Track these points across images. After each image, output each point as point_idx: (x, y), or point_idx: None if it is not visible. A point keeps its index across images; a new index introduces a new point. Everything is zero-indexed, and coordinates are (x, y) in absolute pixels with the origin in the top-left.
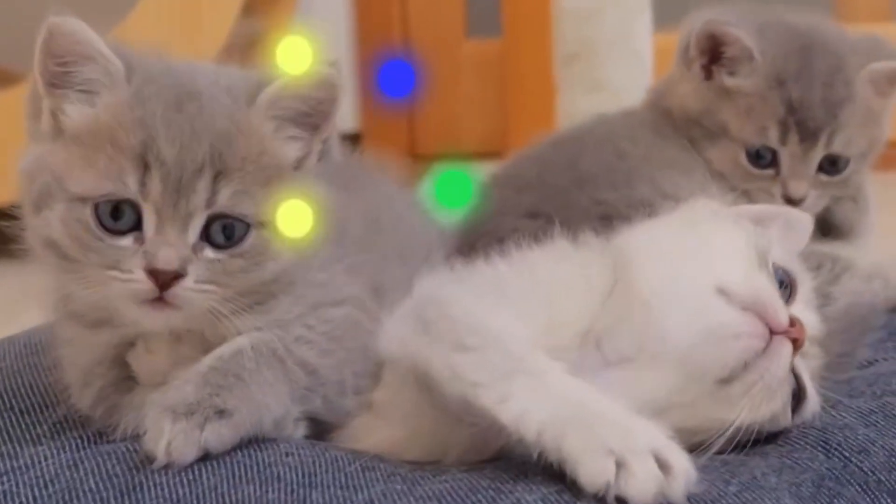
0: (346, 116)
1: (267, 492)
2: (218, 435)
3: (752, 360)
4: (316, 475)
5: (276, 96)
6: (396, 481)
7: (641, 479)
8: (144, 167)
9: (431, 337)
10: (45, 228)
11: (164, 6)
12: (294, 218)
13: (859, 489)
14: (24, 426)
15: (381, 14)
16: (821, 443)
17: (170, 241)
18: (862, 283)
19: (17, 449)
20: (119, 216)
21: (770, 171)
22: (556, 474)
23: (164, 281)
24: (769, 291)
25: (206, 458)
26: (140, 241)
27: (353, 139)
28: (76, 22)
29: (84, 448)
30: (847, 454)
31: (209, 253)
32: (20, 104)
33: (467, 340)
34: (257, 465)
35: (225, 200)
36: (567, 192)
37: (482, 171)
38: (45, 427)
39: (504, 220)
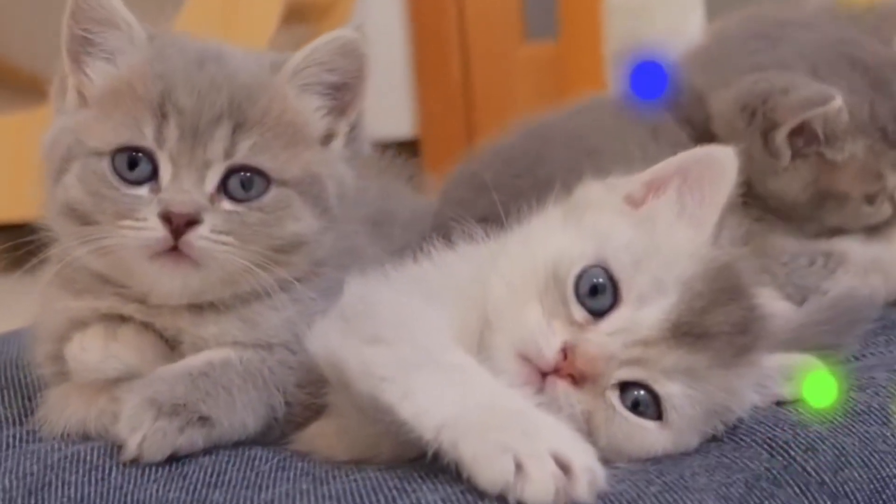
0: (403, 123)
1: (169, 490)
2: (192, 441)
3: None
4: (224, 474)
5: (302, 64)
6: (305, 480)
7: (539, 480)
8: (162, 117)
9: (349, 332)
10: (64, 192)
11: (205, 14)
12: (320, 183)
13: (797, 491)
14: None
15: (437, 19)
16: (767, 440)
17: (185, 188)
18: (858, 279)
19: None
20: (135, 166)
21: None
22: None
23: (178, 225)
24: (537, 329)
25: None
26: (156, 190)
27: (411, 146)
28: None
29: (11, 447)
30: (792, 453)
31: (227, 204)
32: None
33: (383, 334)
34: (167, 463)
35: (245, 151)
36: (526, 197)
37: None
38: None
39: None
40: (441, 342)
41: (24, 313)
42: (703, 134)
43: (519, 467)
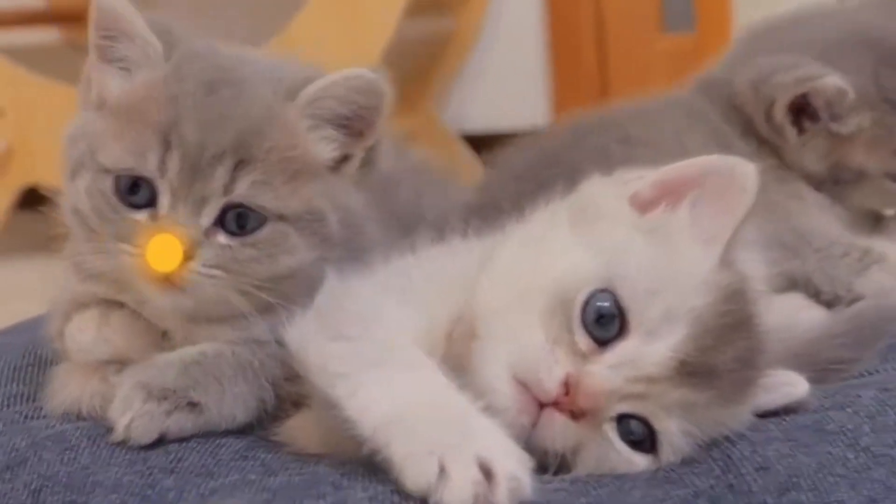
0: (538, 114)
1: (126, 474)
2: (181, 425)
3: (526, 433)
4: (184, 460)
5: (318, 95)
6: (256, 471)
7: (459, 484)
8: (167, 145)
9: (317, 328)
10: (74, 196)
11: (330, 6)
12: (319, 217)
13: None
14: None
15: (574, 10)
16: (725, 456)
17: (181, 222)
18: (893, 280)
19: None
20: (137, 190)
21: None
22: None
23: None
24: (539, 356)
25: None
26: (154, 218)
27: None
28: (118, 0)
29: (14, 423)
30: (744, 471)
31: (221, 238)
32: None
33: (346, 331)
34: (121, 449)
35: (243, 189)
36: (553, 187)
37: None
38: None
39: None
40: (400, 341)
41: None
42: (736, 116)
43: (442, 470)
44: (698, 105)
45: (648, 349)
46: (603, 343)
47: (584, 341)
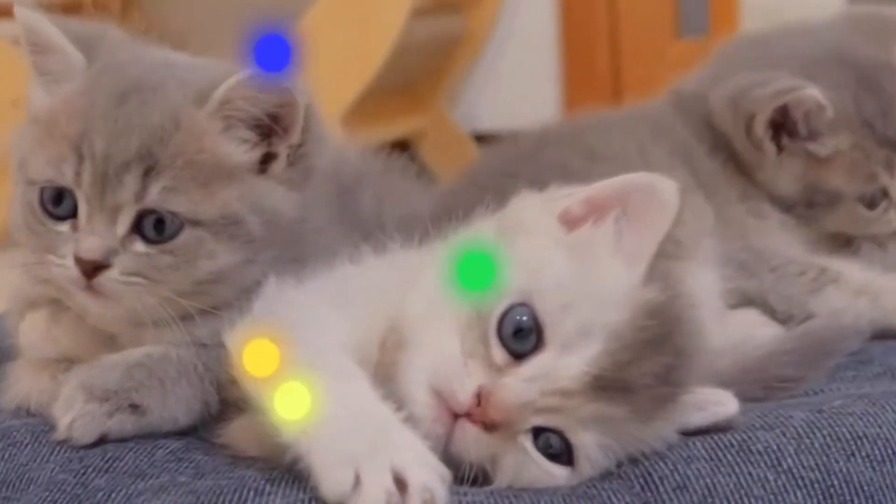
0: (551, 115)
1: (60, 472)
2: (122, 426)
3: (442, 443)
4: (120, 460)
5: (227, 97)
6: (187, 473)
7: (371, 494)
8: (80, 157)
9: (252, 333)
10: (11, 205)
11: (339, 3)
12: (239, 221)
13: None
14: None
15: (588, 13)
16: (645, 473)
17: (96, 232)
18: (847, 299)
19: None
20: (60, 202)
21: (884, 206)
22: None
23: (86, 269)
24: (453, 368)
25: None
26: (75, 228)
27: None
28: (36, 16)
29: None
30: (662, 489)
31: (139, 246)
32: None
33: (278, 337)
34: (62, 448)
35: (154, 196)
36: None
37: None
38: None
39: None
40: (331, 349)
41: None
42: (708, 132)
43: (357, 480)
44: (667, 119)
45: (563, 363)
46: (520, 356)
47: (499, 354)
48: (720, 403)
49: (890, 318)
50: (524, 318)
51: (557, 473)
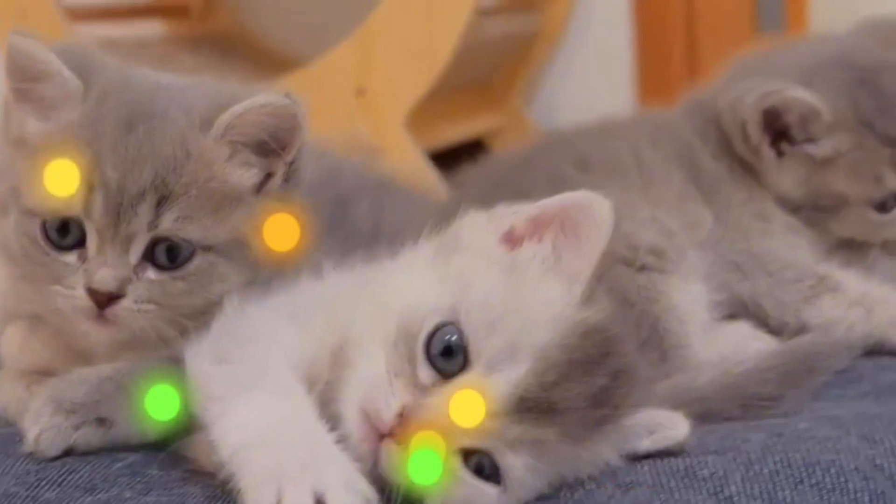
0: (626, 111)
1: (13, 486)
2: (88, 439)
3: (370, 462)
4: (75, 473)
5: (233, 123)
6: (135, 489)
7: None
8: (89, 187)
9: (206, 349)
10: (4, 235)
11: (405, 1)
12: (246, 242)
13: None
14: None
15: (663, 9)
16: (584, 499)
17: (109, 262)
18: (842, 310)
19: None
20: (66, 232)
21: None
22: None
23: (100, 300)
24: (378, 387)
25: None
26: (83, 258)
27: None
28: (33, 42)
29: None
30: None
31: (151, 274)
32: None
33: (229, 353)
34: (25, 460)
35: (168, 224)
36: None
37: None
38: None
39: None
40: (275, 366)
41: None
42: (714, 134)
43: (279, 500)
44: (671, 124)
45: (487, 382)
46: (449, 376)
47: (425, 374)
48: (670, 427)
49: (883, 331)
50: (453, 338)
51: (489, 492)
